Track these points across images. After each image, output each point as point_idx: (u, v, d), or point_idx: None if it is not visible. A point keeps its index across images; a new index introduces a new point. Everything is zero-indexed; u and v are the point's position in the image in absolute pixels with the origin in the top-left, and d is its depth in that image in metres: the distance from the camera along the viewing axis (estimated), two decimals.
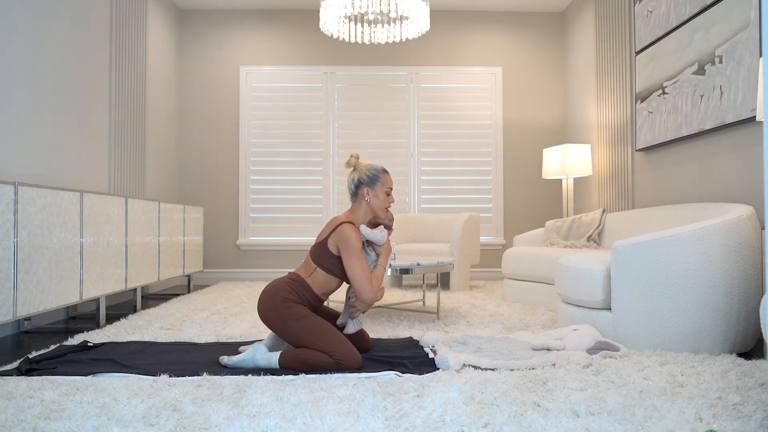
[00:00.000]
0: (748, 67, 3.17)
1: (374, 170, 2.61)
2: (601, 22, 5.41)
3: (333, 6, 4.49)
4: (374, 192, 2.60)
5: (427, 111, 6.48)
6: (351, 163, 2.63)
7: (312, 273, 2.51)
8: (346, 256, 2.45)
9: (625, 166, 4.87)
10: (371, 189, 2.59)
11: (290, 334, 2.36)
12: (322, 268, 2.51)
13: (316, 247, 2.54)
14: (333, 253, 2.50)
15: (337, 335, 2.35)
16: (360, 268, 2.45)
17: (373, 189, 2.59)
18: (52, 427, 1.64)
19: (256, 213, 6.40)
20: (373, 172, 2.60)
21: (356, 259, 2.45)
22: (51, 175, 3.82)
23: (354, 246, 2.45)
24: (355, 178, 2.61)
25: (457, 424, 1.67)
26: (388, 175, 2.63)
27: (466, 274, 5.32)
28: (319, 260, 2.51)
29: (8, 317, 2.70)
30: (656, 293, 2.63)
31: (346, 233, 2.46)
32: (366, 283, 2.45)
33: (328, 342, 2.32)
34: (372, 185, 2.59)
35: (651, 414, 1.75)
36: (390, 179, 2.63)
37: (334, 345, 2.31)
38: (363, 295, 2.47)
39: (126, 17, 4.96)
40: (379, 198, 2.60)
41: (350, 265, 2.45)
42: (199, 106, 6.43)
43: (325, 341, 2.32)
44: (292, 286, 2.46)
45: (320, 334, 2.33)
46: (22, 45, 3.50)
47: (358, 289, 2.46)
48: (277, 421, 1.67)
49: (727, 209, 2.92)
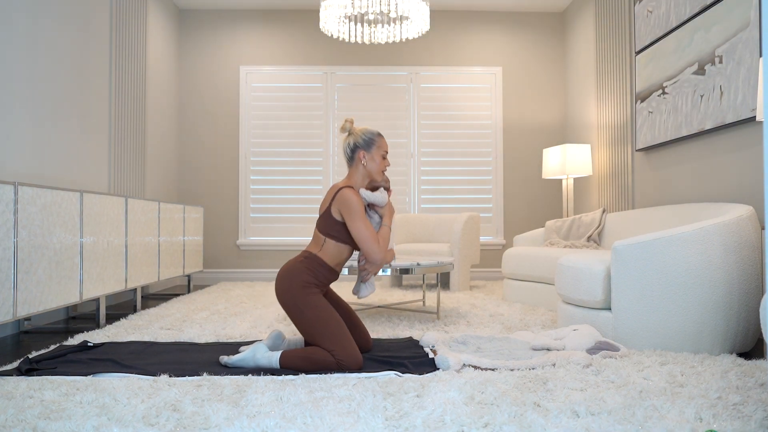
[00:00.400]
0: (748, 67, 3.17)
1: (369, 134, 2.60)
2: (601, 22, 5.41)
3: (333, 6, 4.49)
4: (370, 155, 2.58)
5: (427, 111, 6.48)
6: (346, 127, 2.61)
7: (322, 246, 2.50)
8: (350, 220, 2.44)
9: (625, 166, 4.87)
10: (367, 152, 2.58)
11: (302, 320, 2.37)
12: (331, 237, 2.49)
13: (321, 218, 2.53)
14: (338, 220, 2.49)
15: (345, 334, 2.34)
16: (366, 230, 2.44)
17: (369, 152, 2.58)
18: (52, 427, 1.64)
19: (256, 213, 6.40)
20: (368, 135, 2.59)
21: (360, 222, 2.44)
22: (51, 175, 3.82)
23: (357, 208, 2.44)
24: (351, 143, 2.59)
25: (457, 424, 1.67)
26: (383, 139, 2.62)
27: (466, 274, 5.32)
28: (326, 230, 2.50)
29: (8, 317, 2.70)
30: (656, 293, 2.63)
31: (347, 197, 2.45)
32: (374, 243, 2.45)
33: (334, 339, 2.32)
34: (368, 149, 2.58)
35: (651, 414, 1.75)
36: (385, 143, 2.63)
37: (339, 344, 2.31)
38: (372, 256, 2.47)
39: (126, 17, 4.96)
40: (375, 161, 2.59)
41: (355, 228, 2.44)
42: (199, 106, 6.43)
43: (332, 337, 2.32)
44: (307, 265, 2.45)
45: (330, 328, 2.33)
46: (22, 45, 3.50)
47: (366, 251, 2.46)
48: (277, 421, 1.67)
49: (727, 209, 2.92)
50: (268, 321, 3.56)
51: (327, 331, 2.33)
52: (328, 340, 2.32)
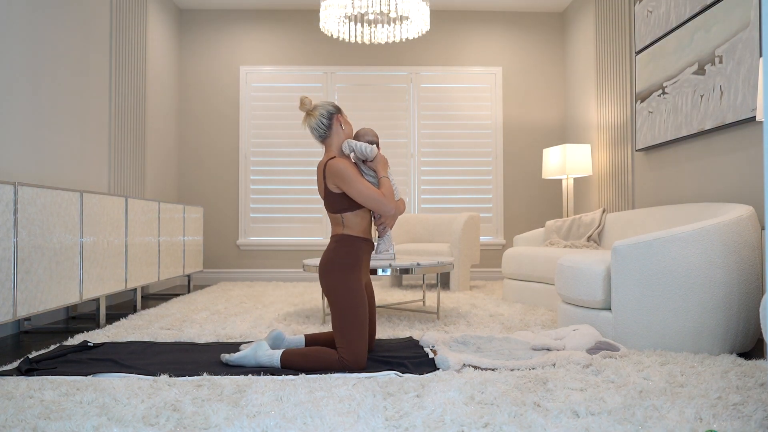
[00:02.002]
0: (748, 67, 3.17)
1: (330, 102, 2.56)
2: (601, 22, 5.41)
3: (333, 6, 4.49)
4: (344, 117, 2.56)
5: (427, 111, 6.48)
6: (307, 103, 2.53)
7: (343, 223, 2.48)
8: (348, 187, 2.41)
9: (625, 166, 4.87)
10: (341, 115, 2.55)
11: (336, 302, 2.36)
12: (346, 210, 2.46)
13: (325, 200, 2.51)
14: (340, 193, 2.46)
15: (362, 334, 2.33)
16: (367, 189, 2.41)
17: (342, 115, 2.56)
18: (52, 427, 1.64)
19: (256, 213, 6.40)
20: (330, 103, 2.55)
21: (359, 183, 2.41)
22: (51, 175, 3.82)
23: (350, 173, 2.41)
24: (324, 113, 2.51)
25: (457, 424, 1.67)
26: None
27: (466, 274, 5.32)
28: (338, 208, 2.47)
29: (8, 317, 2.70)
30: (656, 293, 2.63)
31: (336, 166, 2.42)
32: (380, 198, 2.42)
33: (350, 335, 2.31)
34: (339, 112, 2.55)
35: (651, 414, 1.75)
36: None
37: (352, 342, 2.30)
38: (384, 210, 2.44)
39: (126, 17, 4.96)
40: (349, 123, 2.58)
41: (357, 191, 2.41)
42: (199, 106, 6.43)
43: (349, 333, 2.31)
44: (341, 247, 2.44)
45: (352, 323, 2.32)
46: (22, 45, 3.50)
47: (375, 208, 2.43)
48: (277, 421, 1.67)
49: (727, 209, 2.92)
50: (268, 321, 3.56)
51: (350, 325, 2.32)
52: (346, 333, 2.31)
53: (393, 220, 2.55)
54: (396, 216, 2.53)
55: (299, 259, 6.41)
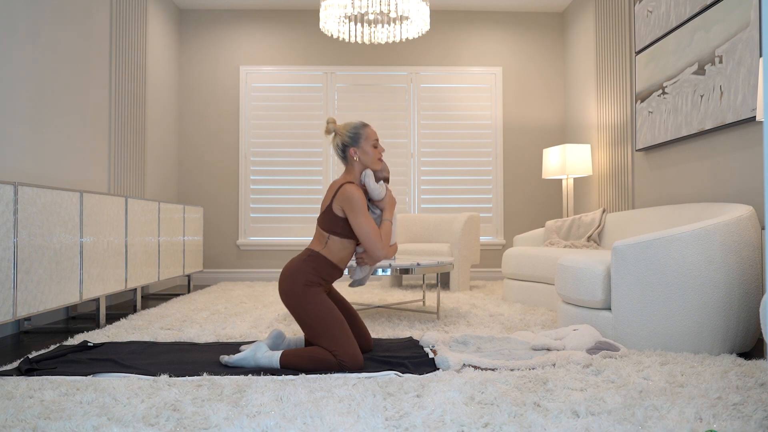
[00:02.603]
0: (748, 67, 3.17)
1: (354, 128, 2.57)
2: (601, 22, 5.41)
3: (333, 6, 4.49)
4: (361, 149, 2.56)
5: (427, 111, 6.48)
6: (330, 129, 2.58)
7: (326, 243, 2.49)
8: (352, 216, 2.43)
9: (625, 166, 4.87)
10: (357, 148, 2.56)
11: (305, 319, 2.37)
12: (335, 234, 2.48)
13: (322, 216, 2.52)
14: (341, 217, 2.48)
15: (347, 334, 2.34)
16: (368, 226, 2.43)
17: (359, 147, 2.56)
18: (52, 427, 1.64)
19: (256, 213, 6.40)
20: (353, 131, 2.56)
21: (363, 217, 2.43)
22: (51, 175, 3.82)
23: (359, 204, 2.43)
24: (339, 143, 2.57)
25: (457, 424, 1.67)
26: (369, 128, 2.59)
27: (466, 274, 5.32)
28: (329, 227, 2.49)
29: (8, 317, 2.70)
30: (656, 293, 2.63)
31: (349, 193, 2.44)
32: (377, 240, 2.44)
33: (336, 338, 2.31)
34: (356, 144, 2.56)
35: (651, 414, 1.75)
36: (372, 131, 2.60)
37: (341, 343, 2.31)
38: (374, 253, 2.46)
39: (126, 17, 4.96)
40: (368, 153, 2.57)
41: (358, 224, 2.43)
42: (199, 106, 6.43)
43: (334, 337, 2.32)
44: (311, 263, 2.45)
45: (332, 328, 2.33)
46: (22, 45, 3.50)
47: (369, 248, 2.45)
48: (277, 421, 1.67)
49: (727, 209, 2.92)
50: (268, 321, 3.56)
51: (329, 331, 2.33)
52: (330, 339, 2.32)
53: (374, 262, 2.56)
54: (379, 260, 2.54)
55: None
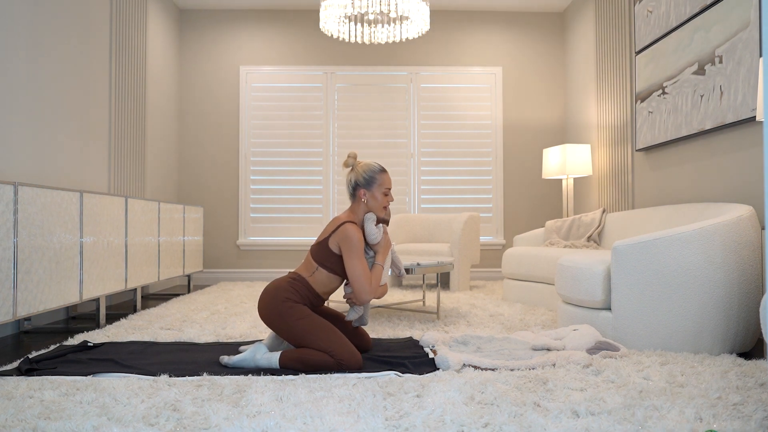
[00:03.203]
0: (748, 67, 3.17)
1: (371, 171, 2.59)
2: (601, 22, 5.41)
3: (333, 6, 4.49)
4: (371, 193, 2.58)
5: (427, 111, 6.48)
6: (349, 163, 2.61)
7: (314, 272, 2.51)
8: (347, 256, 2.45)
9: (625, 166, 4.87)
10: (368, 191, 2.58)
11: (291, 333, 2.36)
12: (324, 267, 2.50)
13: (317, 246, 2.54)
14: (335, 252, 2.50)
15: (338, 335, 2.35)
16: (360, 269, 2.45)
17: (370, 190, 2.58)
18: (52, 427, 1.64)
19: (256, 213, 6.40)
20: (369, 173, 2.58)
21: (357, 260, 2.45)
22: (51, 175, 3.82)
23: (356, 246, 2.44)
24: (352, 180, 2.60)
25: (457, 424, 1.67)
26: (385, 175, 2.61)
27: (466, 274, 5.32)
28: (320, 259, 2.51)
29: (8, 317, 2.70)
30: (656, 293, 2.63)
31: (348, 233, 2.45)
32: (365, 283, 2.46)
33: (328, 342, 2.31)
34: (369, 187, 2.58)
35: (651, 414, 1.75)
36: (388, 179, 2.61)
37: (335, 345, 2.31)
38: (361, 296, 2.48)
39: (126, 17, 4.96)
40: (377, 199, 2.59)
41: (351, 266, 2.45)
42: (199, 106, 6.43)
43: (326, 341, 2.31)
44: (294, 285, 2.45)
45: (321, 333, 2.33)
46: (22, 45, 3.50)
47: (356, 289, 2.47)
48: (277, 421, 1.67)
49: (727, 209, 2.92)
50: None
51: (319, 337, 2.32)
52: (322, 343, 2.31)
53: (361, 303, 2.55)
54: (366, 303, 2.54)
55: (299, 260, 6.41)
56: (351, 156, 2.61)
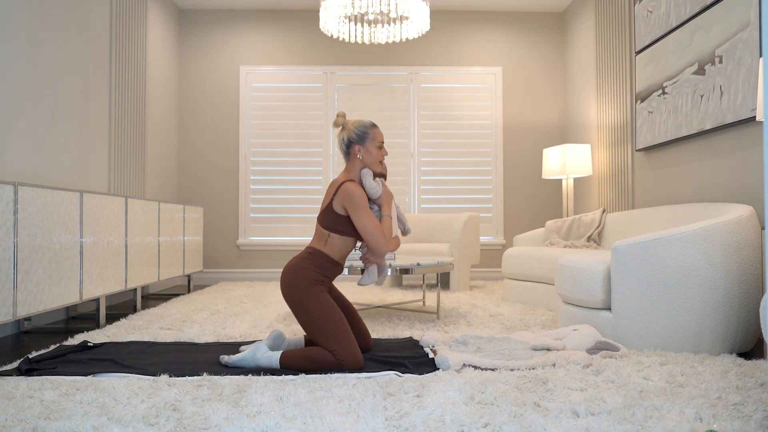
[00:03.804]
0: (748, 67, 3.17)
1: (362, 127, 2.58)
2: (601, 22, 5.41)
3: (333, 6, 4.49)
4: (365, 148, 2.57)
5: (427, 111, 6.48)
6: (339, 122, 2.60)
7: (327, 241, 2.51)
8: (354, 213, 2.45)
9: (625, 166, 4.87)
10: (362, 146, 2.57)
11: (305, 317, 2.37)
12: (336, 231, 2.50)
13: (323, 214, 2.53)
14: (342, 215, 2.49)
15: (348, 335, 2.34)
16: (371, 222, 2.45)
17: (364, 145, 2.57)
18: (52, 427, 1.64)
19: (256, 213, 6.40)
20: (361, 129, 2.58)
21: (365, 214, 2.45)
22: (51, 175, 3.82)
23: (360, 201, 2.44)
24: (345, 138, 2.58)
25: (457, 424, 1.67)
26: (377, 129, 2.60)
27: (466, 274, 5.32)
28: (330, 225, 2.50)
29: (8, 317, 2.70)
30: (656, 293, 2.63)
31: (350, 191, 2.45)
32: (379, 235, 2.46)
33: (337, 338, 2.32)
34: (362, 142, 2.57)
35: (651, 414, 1.75)
36: (380, 133, 2.61)
37: (341, 344, 2.31)
38: (378, 248, 2.48)
39: (126, 17, 4.96)
40: (372, 153, 2.58)
41: (360, 221, 2.45)
42: (199, 106, 6.43)
43: (335, 336, 2.32)
44: (313, 261, 2.46)
45: (333, 327, 2.33)
46: (22, 45, 3.50)
47: (371, 244, 2.47)
48: (277, 421, 1.67)
49: (727, 209, 2.92)
50: (268, 321, 3.56)
51: (330, 330, 2.33)
52: (330, 338, 2.32)
53: (379, 259, 2.57)
54: (384, 255, 2.55)
55: None
56: (340, 115, 2.59)
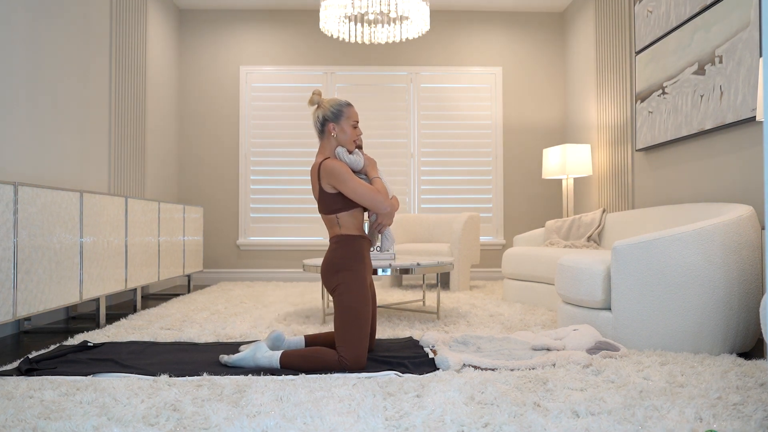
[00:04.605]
0: (748, 67, 3.17)
1: (338, 105, 2.57)
2: (601, 22, 5.41)
3: (333, 6, 4.49)
4: (340, 127, 2.56)
5: (427, 111, 6.48)
6: (314, 100, 2.58)
7: (338, 223, 2.51)
8: (343, 185, 2.44)
9: (625, 166, 4.87)
10: (337, 124, 2.55)
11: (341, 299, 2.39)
12: (341, 210, 2.49)
13: (320, 204, 2.53)
14: (335, 193, 2.49)
15: (363, 335, 2.34)
16: (362, 187, 2.45)
17: (339, 124, 2.56)
18: (52, 427, 1.64)
19: (256, 213, 6.40)
20: (336, 107, 2.56)
21: (353, 181, 2.44)
22: (51, 175, 3.82)
23: (344, 172, 2.44)
24: (320, 116, 2.57)
25: (457, 424, 1.67)
26: (352, 108, 2.59)
27: (466, 274, 5.32)
28: (332, 209, 2.50)
29: (8, 317, 2.70)
30: (656, 293, 2.63)
31: (330, 166, 2.45)
32: (375, 195, 2.46)
33: (351, 335, 2.32)
34: (337, 120, 2.55)
35: (651, 414, 1.75)
36: (354, 112, 2.60)
37: (353, 343, 2.31)
38: (379, 207, 2.48)
39: (126, 17, 4.96)
40: (346, 132, 2.56)
41: (352, 189, 2.44)
42: (199, 106, 6.43)
43: (350, 333, 2.32)
44: (342, 246, 2.47)
45: (355, 323, 2.34)
46: (22, 45, 3.50)
47: (370, 206, 2.47)
48: (277, 421, 1.67)
49: (727, 209, 2.92)
50: (268, 321, 3.56)
51: (352, 325, 2.33)
52: (347, 333, 2.32)
53: (389, 218, 2.58)
54: (392, 213, 2.56)
55: (299, 259, 6.41)
56: (316, 93, 2.58)
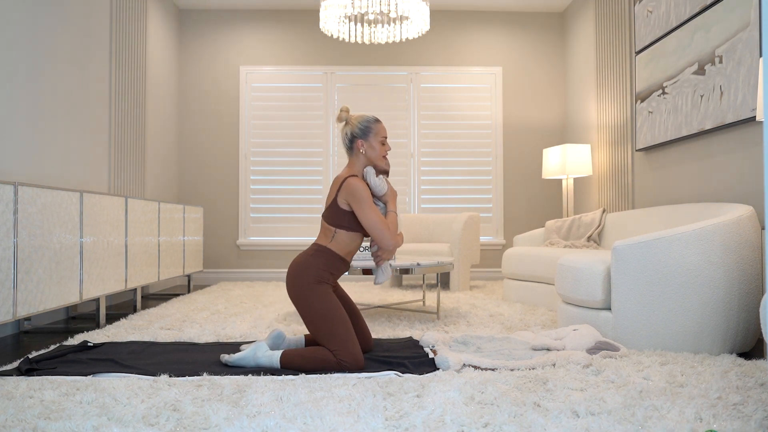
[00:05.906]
0: (748, 67, 3.17)
1: (366, 121, 2.57)
2: (601, 22, 5.41)
3: (333, 6, 4.49)
4: (369, 143, 2.57)
5: (427, 111, 6.48)
6: (342, 117, 2.59)
7: (333, 237, 2.51)
8: (358, 208, 2.45)
9: (625, 166, 4.87)
10: (365, 141, 2.56)
11: (310, 315, 2.38)
12: (342, 228, 2.50)
13: (328, 211, 2.53)
14: (347, 210, 2.49)
15: (350, 336, 2.34)
16: (375, 217, 2.45)
17: (367, 140, 2.56)
18: (52, 427, 1.64)
19: (256, 213, 6.40)
20: (364, 123, 2.57)
21: (369, 209, 2.45)
22: (51, 175, 3.82)
23: (364, 196, 2.45)
24: (348, 132, 2.58)
25: (457, 424, 1.67)
26: (380, 124, 2.60)
27: (466, 274, 5.32)
28: (336, 222, 2.50)
29: (8, 317, 2.70)
30: (656, 293, 2.63)
31: (353, 186, 2.45)
32: (384, 229, 2.46)
33: (339, 337, 2.32)
34: (365, 137, 2.56)
35: (651, 414, 1.75)
36: (383, 128, 2.60)
37: (344, 343, 2.31)
38: (383, 242, 2.48)
39: (126, 17, 4.96)
40: (375, 148, 2.57)
41: (365, 216, 2.45)
42: (199, 106, 6.43)
43: (337, 336, 2.32)
44: (319, 258, 2.46)
45: (336, 327, 2.34)
46: (22, 45, 3.50)
47: (377, 238, 2.47)
48: (277, 421, 1.67)
49: (727, 209, 2.92)
50: (268, 321, 3.56)
51: (333, 329, 2.33)
52: (333, 338, 2.32)
53: (390, 254, 2.58)
54: (393, 251, 2.56)
55: None
56: (344, 110, 2.59)
